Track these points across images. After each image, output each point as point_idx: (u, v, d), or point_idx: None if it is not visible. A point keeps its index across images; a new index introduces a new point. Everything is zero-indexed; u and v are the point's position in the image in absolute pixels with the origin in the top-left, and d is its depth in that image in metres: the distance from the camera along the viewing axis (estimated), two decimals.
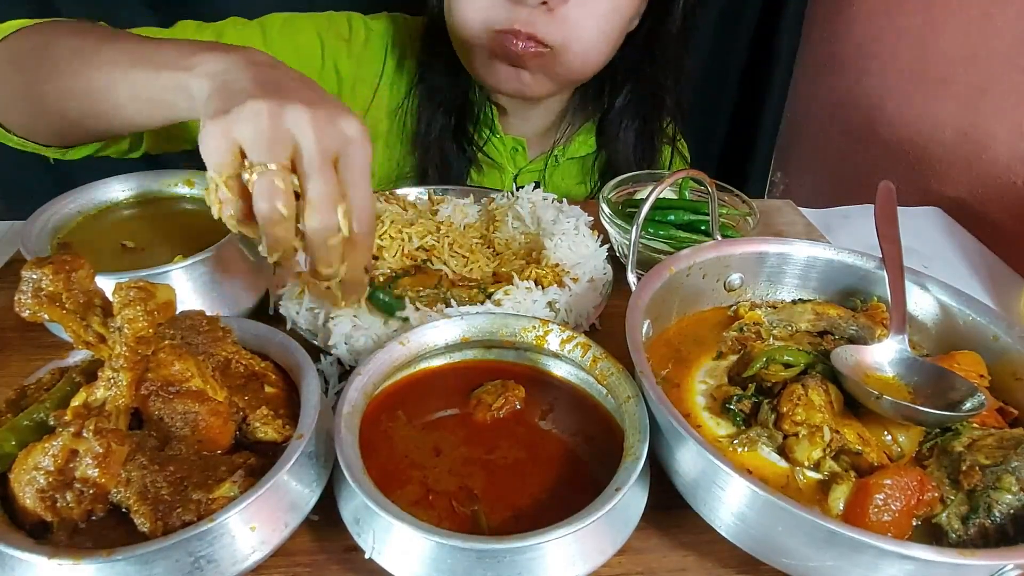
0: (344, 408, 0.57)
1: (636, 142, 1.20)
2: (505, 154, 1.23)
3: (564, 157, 1.25)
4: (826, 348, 0.69)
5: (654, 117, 1.20)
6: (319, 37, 1.12)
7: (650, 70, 1.14)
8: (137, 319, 0.51)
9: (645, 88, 1.16)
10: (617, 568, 0.57)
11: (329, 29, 1.13)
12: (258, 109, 0.57)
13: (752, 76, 1.79)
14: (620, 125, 1.19)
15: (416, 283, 0.78)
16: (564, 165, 1.26)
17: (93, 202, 0.83)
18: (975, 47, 1.28)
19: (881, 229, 0.74)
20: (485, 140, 1.20)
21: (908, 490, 0.54)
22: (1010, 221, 1.21)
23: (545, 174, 1.26)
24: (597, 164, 1.26)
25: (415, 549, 0.50)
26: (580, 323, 0.81)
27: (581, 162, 1.28)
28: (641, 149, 1.21)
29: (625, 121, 1.18)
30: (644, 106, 1.18)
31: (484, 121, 1.18)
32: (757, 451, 0.59)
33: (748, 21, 1.73)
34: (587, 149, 1.26)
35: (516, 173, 1.24)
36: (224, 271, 0.76)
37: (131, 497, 0.49)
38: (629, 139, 1.20)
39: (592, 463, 0.61)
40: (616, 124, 1.19)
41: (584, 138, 1.25)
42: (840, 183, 1.69)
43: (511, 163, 1.24)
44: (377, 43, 1.17)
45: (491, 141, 1.20)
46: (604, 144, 1.23)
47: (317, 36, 1.11)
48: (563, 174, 1.27)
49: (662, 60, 1.13)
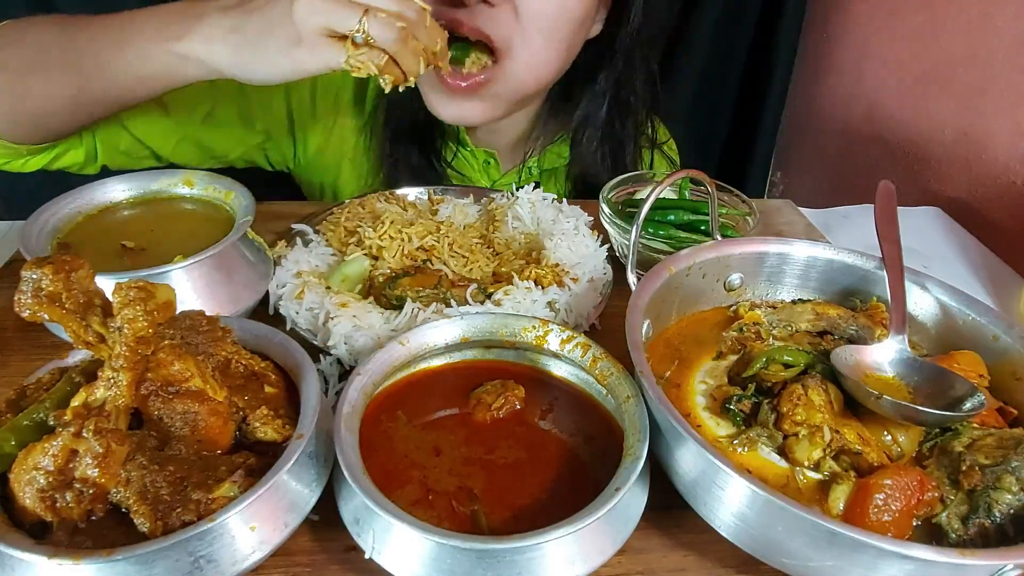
0: (344, 408, 0.57)
1: (602, 149, 1.17)
2: (477, 167, 1.20)
3: (538, 169, 1.22)
4: (826, 348, 0.69)
5: (622, 122, 1.17)
6: None
7: (612, 74, 1.11)
8: (137, 319, 0.51)
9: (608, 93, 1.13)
10: (617, 568, 0.57)
11: None
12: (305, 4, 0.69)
13: (752, 76, 1.79)
14: (585, 133, 1.16)
15: (416, 283, 0.78)
16: (538, 176, 1.23)
17: (93, 202, 0.83)
18: (975, 47, 1.28)
19: (881, 229, 0.74)
20: (454, 155, 1.18)
21: (908, 490, 0.54)
22: (1010, 221, 1.21)
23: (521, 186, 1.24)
24: (571, 174, 1.23)
25: (415, 549, 0.50)
26: (580, 323, 0.81)
27: (554, 174, 1.25)
28: (610, 156, 1.17)
29: (589, 129, 1.15)
30: (609, 112, 1.14)
31: (450, 135, 1.16)
32: (757, 451, 0.59)
33: (748, 21, 1.73)
34: (562, 160, 1.22)
35: (490, 186, 1.22)
36: (224, 271, 0.75)
37: (131, 497, 0.49)
38: (594, 146, 1.16)
39: (592, 463, 0.61)
40: (581, 132, 1.16)
41: (558, 149, 1.21)
42: (840, 183, 1.69)
43: (484, 176, 1.22)
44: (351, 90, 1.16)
45: (460, 155, 1.18)
46: (573, 153, 1.20)
47: None
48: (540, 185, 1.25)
49: (625, 63, 1.10)
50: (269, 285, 0.80)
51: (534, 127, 1.20)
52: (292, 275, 0.81)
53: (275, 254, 0.84)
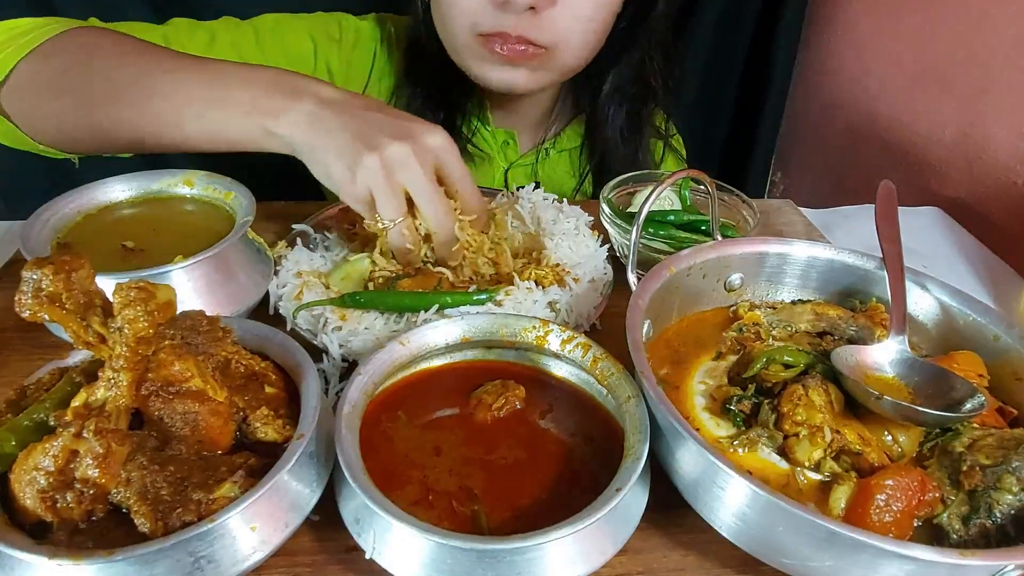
0: (344, 408, 0.57)
1: (623, 126, 1.20)
2: (496, 147, 1.22)
3: (555, 150, 1.25)
4: (825, 349, 0.69)
5: (641, 100, 1.20)
6: (311, 38, 1.12)
7: (635, 53, 1.14)
8: (137, 319, 0.51)
9: (630, 72, 1.16)
10: (617, 568, 0.57)
11: (320, 30, 1.14)
12: (372, 166, 0.72)
13: (752, 76, 1.79)
14: (607, 111, 1.19)
15: (416, 284, 0.78)
16: (554, 158, 1.26)
17: (93, 202, 0.83)
18: (975, 47, 1.28)
19: (881, 229, 0.74)
20: (474, 131, 1.20)
21: (909, 490, 0.54)
22: (1010, 221, 1.21)
23: (536, 167, 1.26)
24: (585, 153, 1.26)
25: (415, 549, 0.50)
26: (580, 323, 0.81)
27: (570, 154, 1.28)
28: (628, 132, 1.21)
29: (612, 107, 1.18)
30: (629, 90, 1.18)
31: (473, 111, 1.18)
32: (757, 452, 0.59)
33: (748, 21, 1.73)
34: (577, 140, 1.26)
35: (507, 167, 1.24)
36: (224, 271, 0.75)
37: (131, 497, 0.48)
38: (616, 124, 1.19)
39: (592, 463, 0.61)
40: (603, 110, 1.19)
41: (574, 129, 1.25)
42: (840, 183, 1.69)
43: (502, 156, 1.23)
44: (366, 45, 1.17)
45: (481, 133, 1.20)
46: (592, 132, 1.23)
47: (309, 37, 1.12)
48: (553, 166, 1.27)
49: (646, 41, 1.14)
50: (269, 285, 0.80)
51: (553, 109, 1.23)
52: (292, 275, 0.81)
53: (275, 254, 0.84)
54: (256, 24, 1.09)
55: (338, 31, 1.15)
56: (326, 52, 1.14)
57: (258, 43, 1.08)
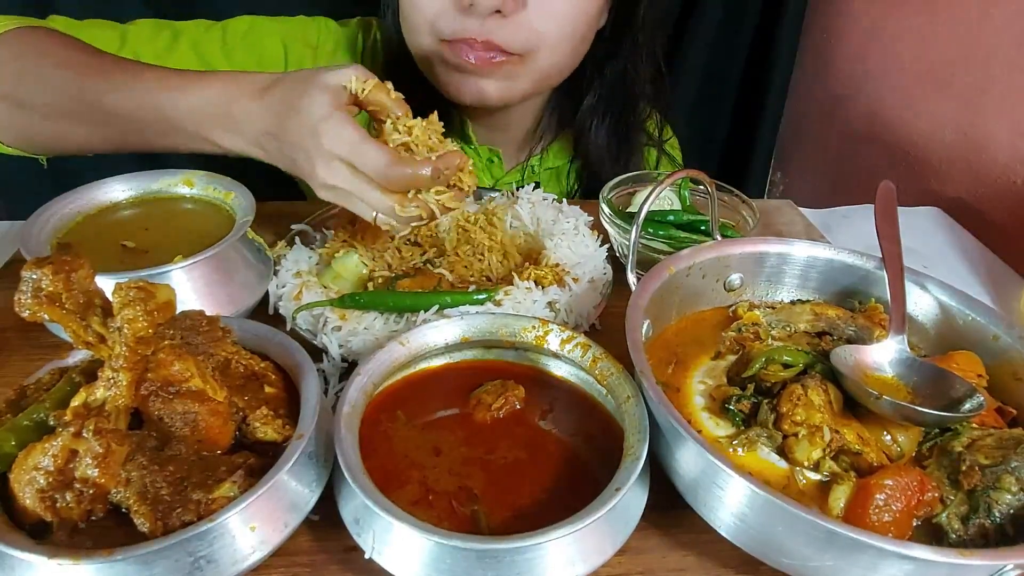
0: (344, 408, 0.57)
1: (609, 139, 1.16)
2: (480, 165, 1.19)
3: (541, 168, 1.22)
4: (824, 349, 0.69)
5: (627, 111, 1.16)
6: (283, 44, 1.10)
7: (619, 62, 1.11)
8: (137, 319, 0.51)
9: (614, 82, 1.12)
10: (617, 568, 0.57)
11: (296, 35, 1.11)
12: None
13: (752, 76, 1.79)
14: (591, 123, 1.15)
15: (416, 284, 0.78)
16: (540, 175, 1.23)
17: (93, 202, 0.83)
18: (975, 47, 1.28)
19: (881, 229, 0.74)
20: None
21: (909, 490, 0.54)
22: (1010, 221, 1.21)
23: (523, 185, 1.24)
24: (573, 168, 1.22)
25: (415, 549, 0.50)
26: (580, 323, 0.81)
27: (557, 172, 1.25)
28: (616, 146, 1.17)
29: (596, 119, 1.14)
30: (615, 101, 1.14)
31: (455, 131, 1.14)
32: (757, 452, 0.59)
33: (748, 21, 1.73)
34: (565, 159, 1.22)
35: (492, 184, 1.21)
36: (224, 271, 0.75)
37: (131, 497, 0.49)
38: (601, 137, 1.15)
39: (592, 463, 0.61)
40: (588, 122, 1.15)
41: (561, 146, 1.21)
42: (840, 183, 1.69)
43: (487, 174, 1.21)
44: (346, 52, 1.14)
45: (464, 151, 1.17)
46: (579, 147, 1.19)
47: (281, 43, 1.10)
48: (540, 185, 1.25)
49: (630, 50, 1.10)
50: (269, 285, 0.80)
51: (538, 124, 1.19)
52: (291, 275, 0.81)
53: (275, 254, 0.84)
54: (228, 27, 1.07)
55: (316, 37, 1.12)
56: (299, 57, 1.10)
57: (224, 46, 1.06)
